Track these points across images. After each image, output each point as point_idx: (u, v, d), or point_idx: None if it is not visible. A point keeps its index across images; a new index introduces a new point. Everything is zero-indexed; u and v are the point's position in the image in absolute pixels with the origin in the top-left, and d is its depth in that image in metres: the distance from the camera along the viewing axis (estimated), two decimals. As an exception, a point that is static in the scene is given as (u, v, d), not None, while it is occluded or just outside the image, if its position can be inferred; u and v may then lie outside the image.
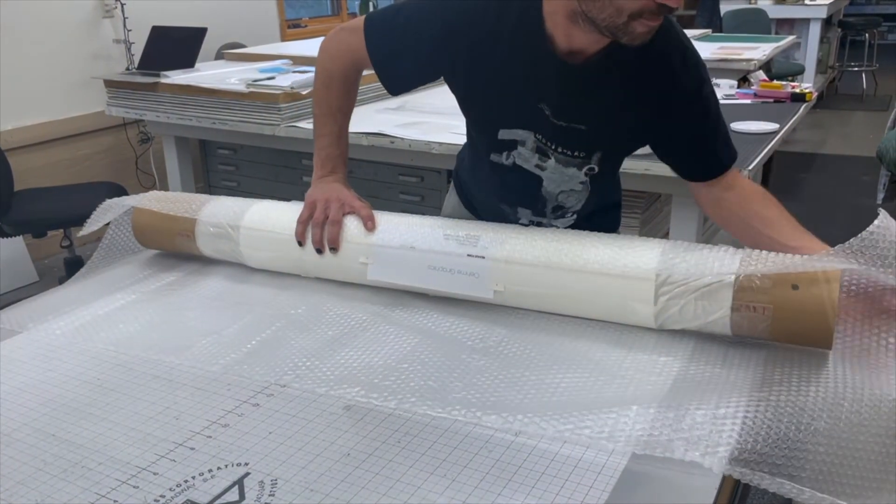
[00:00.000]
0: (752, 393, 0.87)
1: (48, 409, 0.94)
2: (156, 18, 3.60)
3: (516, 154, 1.20)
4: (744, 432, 0.80)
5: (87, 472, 0.82)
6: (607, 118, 1.14)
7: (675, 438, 0.80)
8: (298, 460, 0.82)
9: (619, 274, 1.02)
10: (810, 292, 0.92)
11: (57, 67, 3.64)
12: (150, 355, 1.06)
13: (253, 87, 2.67)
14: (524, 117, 1.16)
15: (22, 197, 2.97)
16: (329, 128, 1.28)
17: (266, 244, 1.26)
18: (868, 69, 7.02)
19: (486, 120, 1.21)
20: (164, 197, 1.37)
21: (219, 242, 1.30)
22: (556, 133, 1.15)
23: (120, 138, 3.91)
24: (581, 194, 1.24)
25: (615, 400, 0.89)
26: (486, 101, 1.18)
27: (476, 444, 0.83)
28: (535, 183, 1.22)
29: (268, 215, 1.28)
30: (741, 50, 3.64)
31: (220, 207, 1.31)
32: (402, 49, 1.18)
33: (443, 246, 1.13)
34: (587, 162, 1.18)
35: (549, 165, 1.19)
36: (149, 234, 1.37)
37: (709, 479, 0.76)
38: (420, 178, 2.64)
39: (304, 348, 1.06)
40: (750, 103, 2.64)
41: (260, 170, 3.11)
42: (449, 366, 1.00)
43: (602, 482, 0.76)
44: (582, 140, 1.16)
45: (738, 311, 0.95)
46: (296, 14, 5.35)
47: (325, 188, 1.25)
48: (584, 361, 0.99)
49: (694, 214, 2.12)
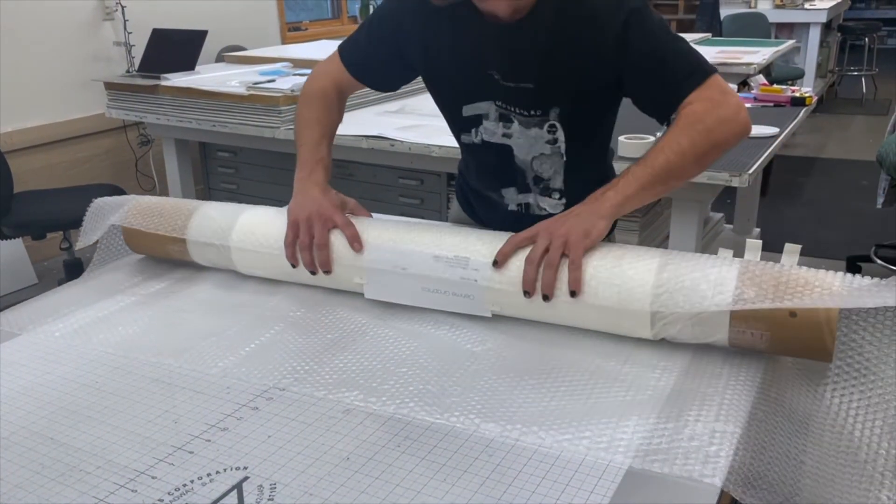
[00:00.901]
0: (750, 407, 0.87)
1: (46, 413, 0.94)
2: (156, 21, 3.60)
3: (482, 130, 1.26)
4: (741, 448, 0.80)
5: (86, 475, 0.81)
6: (551, 73, 1.17)
7: (673, 448, 0.80)
8: (297, 464, 0.82)
9: (615, 307, 1.00)
10: (808, 318, 0.91)
11: (57, 69, 3.64)
12: (149, 357, 1.05)
13: (253, 90, 2.67)
14: (480, 88, 1.22)
15: (21, 199, 2.97)
16: (307, 137, 1.30)
17: (259, 261, 1.24)
18: (868, 73, 7.03)
19: (449, 99, 1.28)
20: (147, 209, 1.32)
21: (211, 257, 1.28)
22: (509, 96, 1.20)
23: (120, 140, 3.91)
24: (554, 160, 1.26)
25: (614, 408, 0.89)
26: (445, 79, 1.27)
27: (476, 449, 0.83)
28: (506, 154, 1.26)
29: (253, 232, 1.23)
30: (741, 54, 3.64)
31: (206, 222, 1.27)
32: (371, 51, 1.31)
33: (433, 269, 1.10)
34: (546, 118, 1.21)
35: (514, 130, 1.23)
36: (141, 247, 1.36)
37: (710, 485, 0.76)
38: (420, 181, 2.64)
39: (303, 351, 1.05)
40: (750, 107, 2.64)
41: (260, 172, 3.11)
42: (447, 370, 0.99)
43: (603, 487, 0.76)
44: (534, 98, 1.20)
45: (735, 335, 0.95)
46: (296, 17, 5.35)
47: (304, 202, 1.21)
48: (583, 368, 0.99)
49: (693, 219, 2.12)
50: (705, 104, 1.09)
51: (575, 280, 1.01)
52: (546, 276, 1.02)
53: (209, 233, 1.26)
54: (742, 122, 1.11)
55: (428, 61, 1.26)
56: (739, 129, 1.11)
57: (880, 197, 3.35)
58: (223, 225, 1.25)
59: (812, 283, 0.92)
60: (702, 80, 1.11)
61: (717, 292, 0.94)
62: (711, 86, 1.11)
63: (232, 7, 4.48)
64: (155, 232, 1.28)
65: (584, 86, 1.19)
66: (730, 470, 0.77)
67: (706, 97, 1.10)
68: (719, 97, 1.10)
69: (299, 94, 1.38)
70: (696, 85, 1.10)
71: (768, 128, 2.27)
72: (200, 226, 1.27)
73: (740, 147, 2.14)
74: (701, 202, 2.13)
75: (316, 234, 1.17)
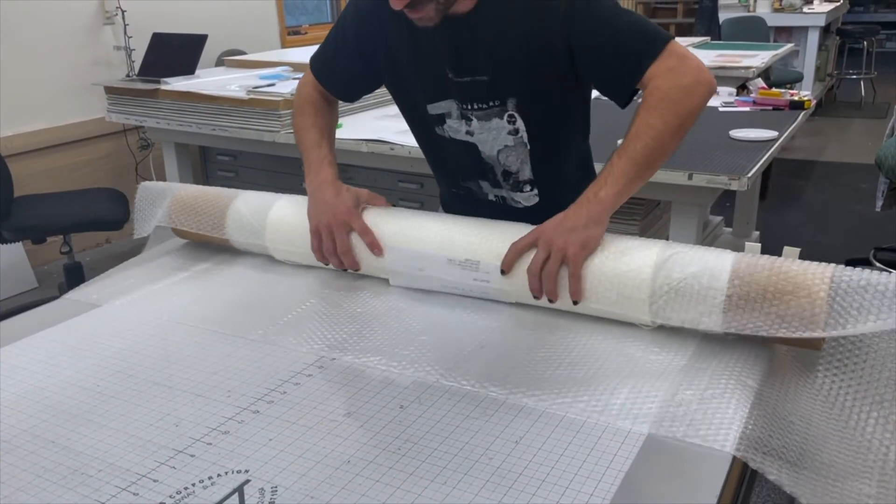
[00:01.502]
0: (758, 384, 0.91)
1: (48, 416, 0.94)
2: (156, 25, 3.60)
3: (447, 128, 1.28)
4: (751, 419, 0.85)
5: (87, 478, 0.82)
6: (502, 62, 1.18)
7: (689, 418, 0.86)
8: (299, 467, 0.82)
9: (616, 315, 1.08)
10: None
11: (57, 74, 3.65)
12: (198, 325, 1.16)
13: (253, 94, 2.67)
14: (439, 87, 1.23)
15: (21, 203, 2.97)
16: (308, 142, 1.34)
17: (297, 258, 1.33)
18: (866, 77, 7.04)
19: (413, 102, 1.30)
20: (186, 206, 1.41)
21: (252, 250, 1.38)
22: (465, 91, 1.22)
23: (120, 144, 3.91)
24: (519, 150, 1.27)
25: (632, 380, 0.96)
26: (407, 83, 1.28)
27: (476, 452, 0.83)
28: (473, 151, 1.28)
29: (282, 231, 1.32)
30: (740, 58, 3.65)
31: (239, 221, 1.36)
32: (336, 59, 1.34)
33: (448, 272, 1.17)
34: (504, 108, 1.22)
35: (475, 127, 1.25)
36: (187, 236, 1.46)
37: (714, 476, 0.78)
38: (420, 185, 2.65)
39: (337, 322, 1.15)
40: (749, 111, 2.64)
41: (259, 176, 3.12)
42: (466, 341, 1.07)
43: (603, 489, 0.76)
44: (489, 90, 1.21)
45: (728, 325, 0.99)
46: (296, 21, 5.36)
47: (320, 207, 1.25)
48: (598, 341, 1.05)
49: (693, 222, 2.13)
50: (667, 77, 1.09)
51: (576, 291, 1.06)
52: (547, 286, 1.08)
53: (246, 233, 1.35)
54: (706, 83, 1.11)
55: (390, 63, 1.27)
56: (705, 91, 1.11)
57: (879, 200, 3.36)
58: (256, 226, 1.34)
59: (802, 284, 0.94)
60: (659, 51, 1.10)
61: (708, 316, 0.98)
62: (670, 55, 1.10)
63: (232, 11, 4.49)
64: (197, 232, 1.40)
65: (537, 71, 1.19)
66: (740, 438, 0.82)
67: (666, 68, 1.09)
68: (678, 64, 1.10)
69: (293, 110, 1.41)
70: (653, 58, 1.10)
71: (767, 131, 2.27)
72: (236, 224, 1.36)
73: (739, 150, 2.15)
74: (700, 205, 2.13)
75: (338, 242, 1.23)
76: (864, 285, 0.91)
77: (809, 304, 0.91)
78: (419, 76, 1.25)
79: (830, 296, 0.91)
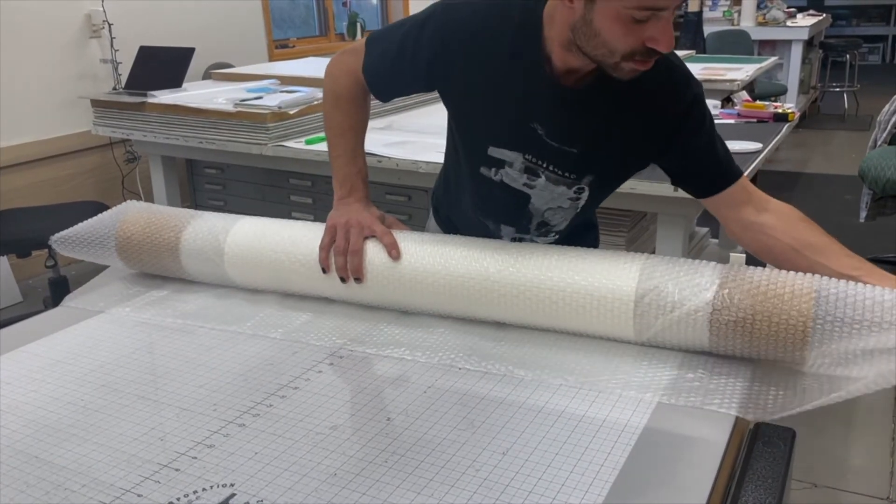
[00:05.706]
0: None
1: (31, 431, 0.93)
2: (143, 38, 3.60)
3: (504, 173, 1.21)
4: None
5: (71, 494, 0.81)
6: (599, 143, 1.15)
7: (694, 387, 0.95)
8: (285, 481, 0.81)
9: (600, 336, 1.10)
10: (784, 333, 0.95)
11: (43, 87, 3.63)
12: (216, 325, 1.20)
13: (240, 107, 2.67)
14: (515, 137, 1.17)
15: (6, 216, 2.95)
16: (342, 147, 1.30)
17: (260, 283, 1.30)
18: (849, 89, 7.12)
19: (476, 137, 1.22)
20: (136, 259, 1.36)
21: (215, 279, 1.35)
22: (547, 153, 1.16)
23: (106, 158, 3.90)
24: (568, 212, 1.24)
25: (640, 357, 1.03)
26: (478, 118, 1.20)
27: (463, 464, 0.83)
28: (522, 199, 1.22)
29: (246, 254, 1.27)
30: (724, 71, 3.69)
31: (197, 258, 1.30)
32: (392, 72, 1.23)
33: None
34: (577, 182, 1.19)
35: (539, 184, 1.20)
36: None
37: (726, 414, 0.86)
38: (407, 197, 2.65)
39: (356, 316, 1.20)
40: (733, 123, 2.67)
41: (247, 189, 3.11)
42: (478, 332, 1.13)
43: (589, 501, 0.76)
44: (574, 163, 1.16)
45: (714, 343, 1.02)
46: (283, 34, 5.37)
47: (345, 210, 1.24)
48: (598, 341, 1.09)
49: (679, 233, 2.14)
50: (774, 200, 1.17)
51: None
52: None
53: (203, 265, 1.31)
54: None
55: (464, 97, 1.20)
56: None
57: (863, 211, 3.39)
58: (214, 259, 1.29)
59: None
60: (739, 174, 1.16)
61: (694, 335, 1.00)
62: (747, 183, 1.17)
63: (219, 24, 4.49)
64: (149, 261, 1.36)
65: (626, 159, 1.18)
66: (741, 401, 0.92)
67: (751, 191, 1.17)
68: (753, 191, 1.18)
69: (324, 83, 1.33)
70: (735, 177, 1.16)
71: (752, 143, 2.29)
72: (190, 261, 1.32)
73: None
74: (686, 217, 2.14)
75: (352, 240, 1.19)
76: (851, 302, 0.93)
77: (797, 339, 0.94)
78: (495, 119, 1.18)
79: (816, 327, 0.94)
